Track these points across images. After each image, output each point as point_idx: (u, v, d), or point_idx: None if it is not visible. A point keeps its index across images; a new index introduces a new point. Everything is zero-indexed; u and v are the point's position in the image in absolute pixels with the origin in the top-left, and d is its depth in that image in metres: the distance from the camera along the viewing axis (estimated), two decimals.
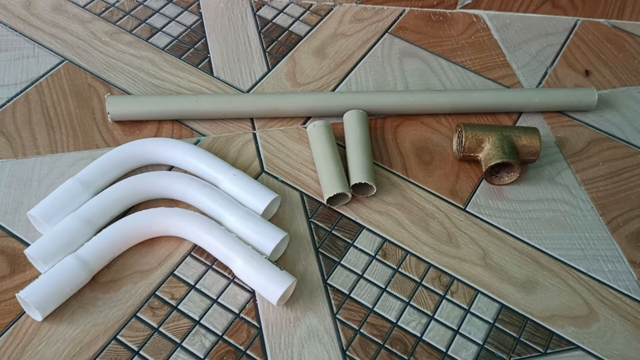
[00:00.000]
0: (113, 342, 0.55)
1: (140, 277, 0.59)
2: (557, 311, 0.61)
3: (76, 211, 0.60)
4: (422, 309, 0.60)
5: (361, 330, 0.58)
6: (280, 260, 0.61)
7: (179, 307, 0.58)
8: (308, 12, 0.85)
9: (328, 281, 0.61)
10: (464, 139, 0.68)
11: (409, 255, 0.63)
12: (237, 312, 0.58)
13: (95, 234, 0.59)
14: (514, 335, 0.59)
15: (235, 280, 0.60)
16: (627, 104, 0.79)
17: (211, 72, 0.76)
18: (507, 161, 0.66)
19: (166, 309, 0.58)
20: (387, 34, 0.84)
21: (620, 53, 0.85)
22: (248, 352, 0.56)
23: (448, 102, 0.74)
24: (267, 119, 0.73)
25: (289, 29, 0.83)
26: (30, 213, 0.59)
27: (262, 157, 0.69)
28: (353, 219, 0.65)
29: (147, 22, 0.81)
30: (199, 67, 0.77)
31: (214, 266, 0.61)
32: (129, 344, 0.55)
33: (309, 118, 0.73)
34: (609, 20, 0.89)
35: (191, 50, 0.79)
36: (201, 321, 0.57)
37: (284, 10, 0.85)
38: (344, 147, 0.69)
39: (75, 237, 0.58)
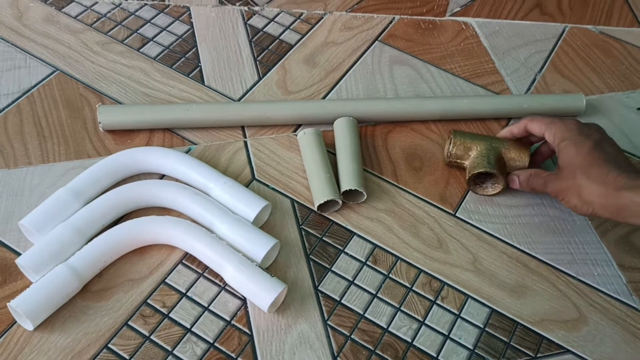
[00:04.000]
0: (104, 350, 0.55)
1: (132, 285, 0.59)
2: (547, 315, 0.61)
3: (67, 220, 0.60)
4: (413, 315, 0.60)
5: (352, 336, 0.58)
6: (271, 267, 0.62)
7: (170, 315, 0.58)
8: (298, 20, 0.86)
9: (319, 287, 0.61)
10: (452, 145, 0.68)
11: (399, 261, 0.63)
12: (228, 319, 0.58)
13: (86, 243, 0.59)
14: (504, 339, 0.59)
15: (226, 287, 0.60)
16: (615, 109, 0.80)
17: (202, 81, 0.77)
18: (489, 171, 0.66)
19: (157, 317, 0.58)
20: (377, 41, 0.84)
21: (608, 59, 0.86)
22: (239, 359, 0.56)
23: (438, 108, 0.75)
24: (258, 127, 0.73)
25: (280, 38, 0.83)
26: (21, 223, 0.60)
27: (253, 164, 0.70)
28: (344, 225, 0.66)
29: (138, 32, 0.81)
30: (190, 76, 0.77)
31: (205, 274, 0.61)
32: (121, 353, 0.55)
33: (299, 126, 0.74)
34: (597, 26, 0.90)
35: (182, 59, 0.79)
36: (192, 329, 0.57)
37: (275, 19, 0.85)
38: (335, 154, 0.70)
39: (66, 246, 0.58)
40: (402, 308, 0.60)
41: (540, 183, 0.64)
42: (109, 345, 0.56)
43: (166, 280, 0.60)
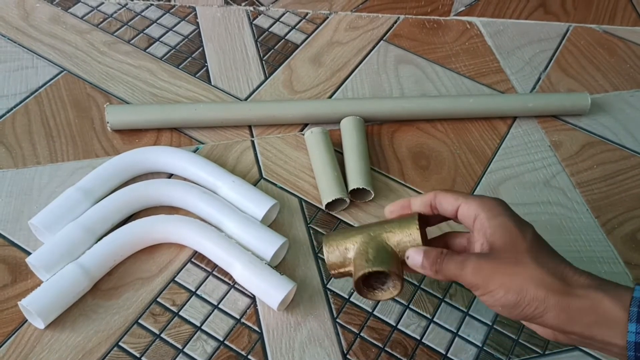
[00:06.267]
0: (115, 348, 0.56)
1: (142, 284, 0.60)
2: None
3: (77, 219, 0.60)
4: (422, 312, 0.60)
5: (361, 334, 0.58)
6: (280, 266, 0.62)
7: (180, 313, 0.58)
8: (304, 20, 0.86)
9: (328, 286, 0.61)
10: (326, 253, 0.52)
11: None
12: (238, 317, 0.58)
13: (96, 242, 0.59)
14: (513, 336, 0.60)
15: (235, 286, 0.60)
16: (619, 107, 0.80)
17: (209, 81, 0.77)
18: (369, 271, 0.49)
19: (167, 315, 0.58)
20: (382, 41, 0.85)
21: (612, 58, 0.86)
22: (249, 357, 0.56)
23: (443, 107, 0.75)
24: (265, 126, 0.73)
25: (285, 38, 0.83)
26: (31, 222, 0.60)
27: (261, 163, 0.70)
28: (351, 223, 0.66)
29: (144, 32, 0.82)
30: (196, 76, 0.78)
31: (214, 272, 0.61)
32: (131, 351, 0.56)
33: (306, 125, 0.74)
34: (601, 25, 0.91)
35: (189, 59, 0.79)
36: (202, 327, 0.58)
37: (280, 19, 0.86)
38: (342, 153, 0.70)
39: (76, 245, 0.58)
40: (410, 306, 0.61)
41: (454, 267, 0.47)
42: (120, 344, 0.56)
43: (176, 279, 0.60)
